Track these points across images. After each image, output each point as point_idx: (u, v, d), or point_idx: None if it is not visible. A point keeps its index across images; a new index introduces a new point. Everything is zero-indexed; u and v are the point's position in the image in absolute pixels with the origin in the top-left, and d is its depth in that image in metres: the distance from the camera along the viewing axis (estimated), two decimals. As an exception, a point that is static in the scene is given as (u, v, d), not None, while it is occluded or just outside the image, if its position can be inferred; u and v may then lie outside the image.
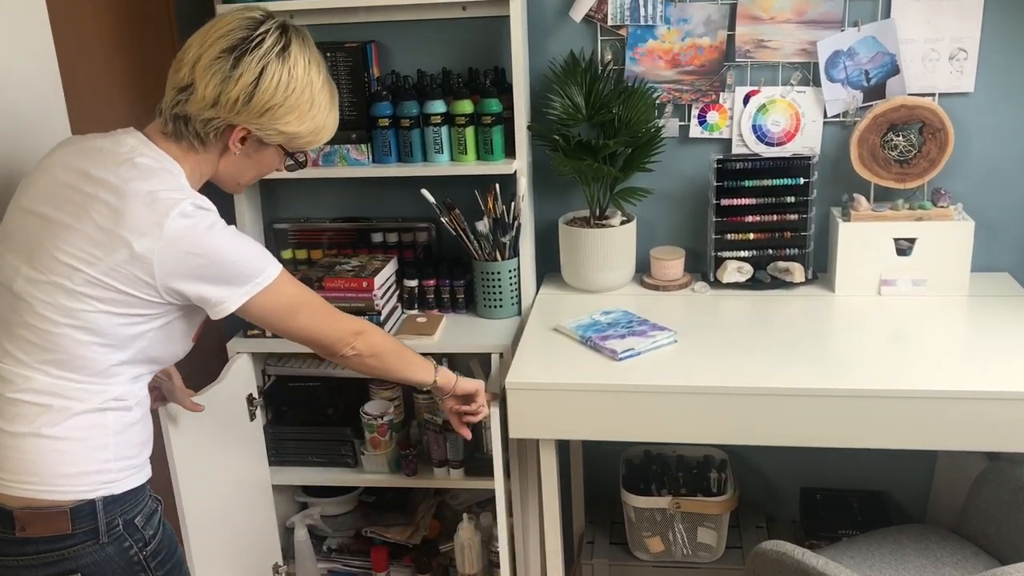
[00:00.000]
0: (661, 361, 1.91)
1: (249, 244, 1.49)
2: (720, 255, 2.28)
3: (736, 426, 1.82)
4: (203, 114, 1.45)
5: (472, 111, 2.17)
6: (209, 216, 1.44)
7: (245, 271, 1.46)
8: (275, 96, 1.45)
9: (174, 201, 1.39)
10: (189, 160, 1.49)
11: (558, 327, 2.07)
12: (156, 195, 1.39)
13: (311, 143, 1.57)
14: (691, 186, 2.34)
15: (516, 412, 1.87)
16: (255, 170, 1.58)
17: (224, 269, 1.44)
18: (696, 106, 2.27)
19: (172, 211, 1.38)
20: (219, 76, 1.43)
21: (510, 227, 2.21)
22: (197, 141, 1.48)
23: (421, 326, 2.23)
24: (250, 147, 1.52)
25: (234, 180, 1.59)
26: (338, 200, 2.47)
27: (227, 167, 1.54)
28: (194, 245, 1.40)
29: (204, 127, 1.46)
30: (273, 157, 1.57)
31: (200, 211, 1.42)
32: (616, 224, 2.26)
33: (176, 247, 1.39)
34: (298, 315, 1.56)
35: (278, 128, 1.49)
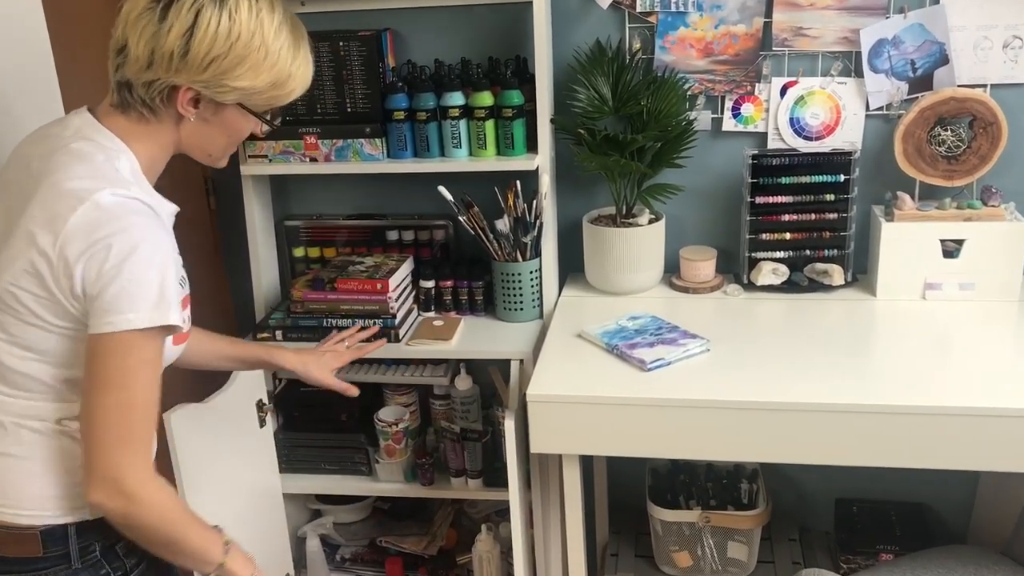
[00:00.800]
0: (692, 372, 1.79)
1: (159, 273, 1.23)
2: (754, 256, 2.15)
3: (772, 442, 1.70)
4: (141, 76, 1.27)
5: (492, 103, 2.05)
6: (133, 208, 1.23)
7: (141, 292, 1.21)
8: (215, 46, 1.25)
9: (86, 192, 1.21)
10: (142, 134, 1.32)
11: (582, 333, 1.95)
12: (68, 185, 1.23)
13: (277, 98, 1.36)
14: (723, 182, 2.21)
15: (538, 426, 1.76)
16: (223, 136, 1.37)
17: (123, 276, 1.20)
18: (730, 98, 2.14)
19: (81, 204, 1.20)
20: (149, 30, 1.25)
21: (532, 226, 2.09)
22: (146, 110, 1.30)
23: (438, 330, 2.12)
24: (205, 110, 1.32)
25: (203, 151, 1.38)
26: (352, 196, 2.37)
27: (189, 136, 1.34)
28: (101, 235, 1.20)
29: (147, 92, 1.28)
30: (238, 119, 1.36)
31: (125, 201, 1.23)
32: (644, 223, 2.14)
33: (80, 240, 1.20)
34: (108, 392, 1.23)
35: (229, 84, 1.28)
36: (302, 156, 2.12)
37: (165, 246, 1.26)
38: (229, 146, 1.42)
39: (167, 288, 1.23)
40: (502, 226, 2.10)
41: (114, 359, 1.21)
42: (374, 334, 2.03)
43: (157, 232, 1.25)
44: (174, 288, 1.25)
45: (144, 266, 1.21)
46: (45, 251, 1.21)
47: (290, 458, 2.26)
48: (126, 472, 1.22)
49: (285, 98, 1.37)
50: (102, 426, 1.22)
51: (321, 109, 2.10)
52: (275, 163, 2.13)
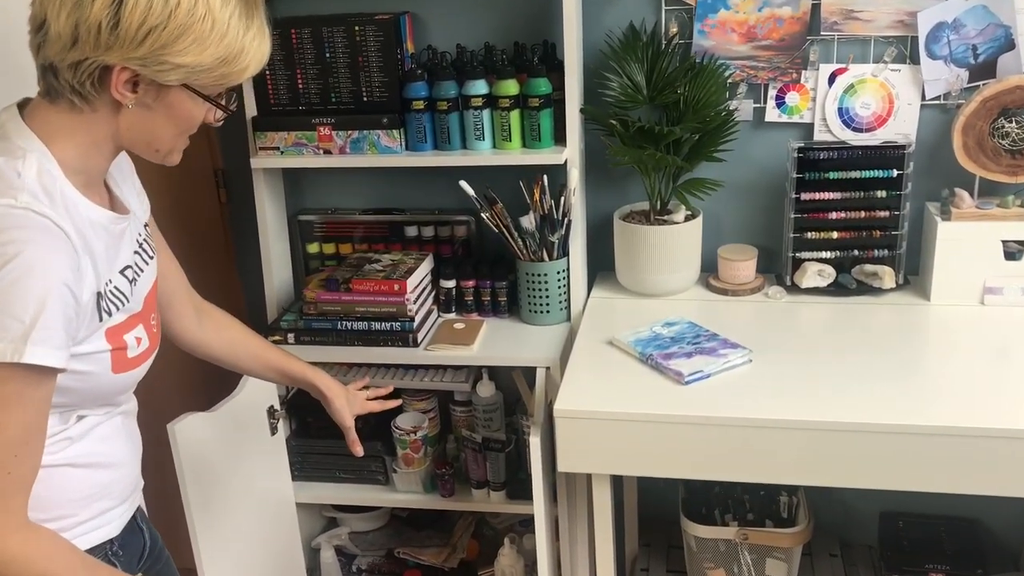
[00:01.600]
0: (733, 385, 1.66)
1: (33, 298, 1.03)
2: (798, 256, 2.01)
3: (820, 464, 1.57)
4: (66, 57, 1.07)
5: (518, 92, 1.91)
6: (14, 225, 1.04)
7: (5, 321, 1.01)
8: (151, 15, 1.06)
9: None
10: (71, 128, 1.13)
11: (614, 340, 1.82)
12: None
13: (229, 77, 1.14)
14: (765, 176, 2.06)
15: (566, 443, 1.64)
16: (170, 125, 1.16)
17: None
18: (774, 86, 1.99)
19: None
20: (68, 2, 1.05)
21: (559, 224, 1.96)
22: (76, 97, 1.10)
23: (458, 334, 1.99)
24: (146, 94, 1.12)
25: (147, 144, 1.17)
26: (369, 190, 2.24)
27: (129, 127, 1.14)
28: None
29: (74, 75, 1.08)
30: (185, 103, 1.15)
31: (7, 212, 1.04)
32: (680, 220, 1.99)
33: None
34: None
35: (170, 60, 1.08)
36: (315, 148, 1.99)
37: (56, 267, 1.06)
38: (179, 137, 1.20)
39: (41, 318, 1.03)
40: (527, 223, 1.97)
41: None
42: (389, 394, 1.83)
43: (46, 250, 1.06)
44: (56, 320, 1.05)
45: (12, 288, 1.02)
46: None
47: (303, 466, 2.15)
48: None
49: (238, 76, 1.16)
50: None
51: (335, 98, 1.97)
52: (287, 155, 2.01)
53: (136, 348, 1.22)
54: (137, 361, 1.23)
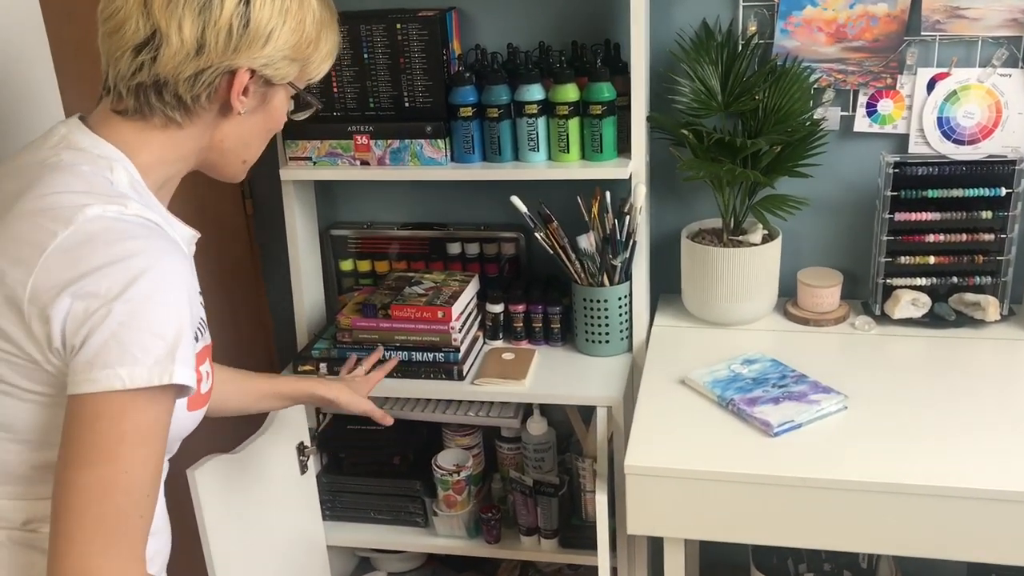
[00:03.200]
0: (827, 438, 1.45)
1: (171, 313, 0.93)
2: (889, 282, 1.79)
3: (928, 534, 1.36)
4: (186, 69, 0.99)
5: (577, 98, 1.70)
6: (134, 226, 0.95)
7: (141, 340, 0.90)
8: (274, 9, 1.01)
9: (69, 210, 0.93)
10: (157, 143, 1.03)
11: (687, 380, 1.61)
12: (43, 204, 0.94)
13: (321, 68, 1.12)
14: (851, 193, 1.85)
15: (637, 503, 1.43)
16: (264, 131, 1.12)
17: (120, 315, 0.90)
18: (865, 92, 1.77)
19: (62, 227, 0.92)
20: (193, 8, 0.98)
21: (622, 246, 1.75)
22: (181, 113, 1.02)
23: (508, 366, 1.79)
24: (256, 96, 1.06)
25: (238, 156, 1.11)
26: (408, 203, 2.04)
27: (227, 137, 1.08)
28: (90, 266, 0.90)
29: (192, 87, 1.00)
30: (283, 103, 1.11)
31: (122, 219, 0.94)
32: (757, 241, 1.78)
33: (60, 273, 0.91)
34: (87, 468, 0.91)
35: (288, 55, 1.04)
36: (351, 159, 1.79)
37: (182, 277, 0.96)
38: (264, 144, 1.15)
39: (181, 334, 0.93)
40: (585, 244, 1.76)
41: (98, 426, 0.90)
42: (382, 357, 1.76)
43: (171, 258, 0.96)
44: (189, 335, 0.95)
45: (148, 304, 0.91)
46: (15, 292, 0.92)
47: (335, 505, 1.96)
48: (101, 573, 0.90)
49: (326, 68, 1.14)
50: (75, 511, 0.90)
51: (374, 104, 1.77)
52: (320, 167, 1.81)
53: (207, 382, 1.08)
54: (205, 398, 1.09)
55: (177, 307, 0.94)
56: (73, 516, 0.90)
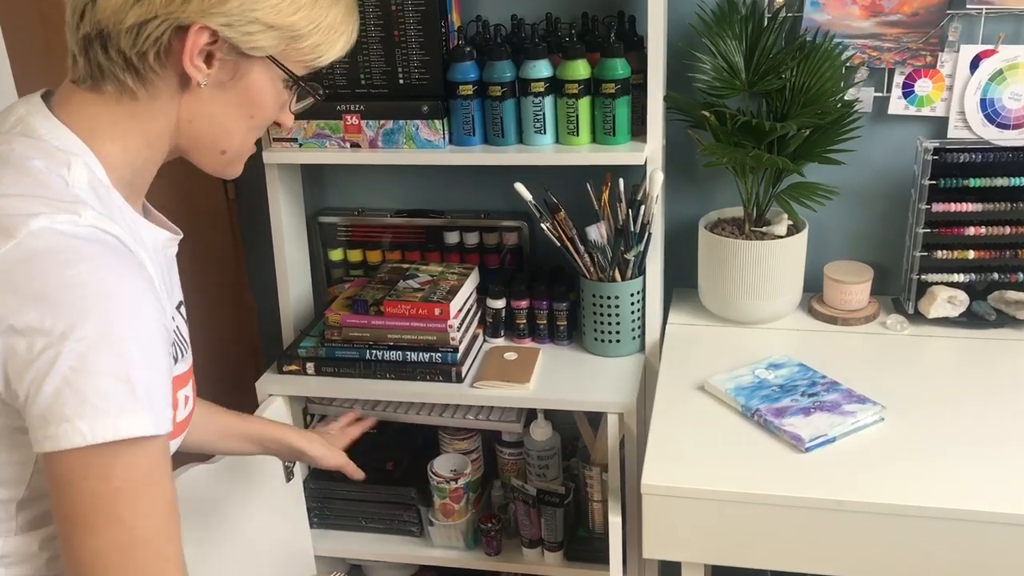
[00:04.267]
0: (864, 454, 1.31)
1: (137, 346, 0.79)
2: (924, 279, 1.65)
3: (983, 566, 1.23)
4: (127, 17, 0.84)
5: (588, 76, 1.56)
6: (88, 254, 0.79)
7: (77, 392, 0.76)
8: None
9: (12, 221, 0.78)
10: (119, 124, 0.89)
11: (707, 386, 1.47)
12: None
13: (321, 50, 0.94)
14: (883, 181, 1.71)
15: (654, 526, 1.30)
16: (242, 116, 0.94)
17: (66, 360, 0.76)
18: (901, 71, 1.62)
19: (5, 238, 0.78)
20: None
21: (636, 238, 1.61)
22: (130, 76, 0.87)
23: (510, 368, 1.65)
24: (223, 69, 0.90)
25: (214, 143, 0.95)
26: (403, 188, 1.89)
27: (194, 117, 0.92)
28: (34, 293, 0.76)
29: (135, 41, 0.85)
30: (265, 86, 0.93)
31: (75, 233, 0.80)
32: (781, 233, 1.64)
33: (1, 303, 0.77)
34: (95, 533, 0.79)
35: (261, 18, 0.87)
36: (341, 141, 1.64)
37: (144, 303, 0.81)
38: (249, 134, 0.97)
39: (149, 370, 0.79)
40: (595, 235, 1.62)
41: (86, 486, 0.78)
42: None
43: (130, 282, 0.81)
44: (161, 368, 0.82)
45: (104, 342, 0.77)
46: None
47: (323, 512, 1.83)
48: None
49: (330, 52, 0.96)
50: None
51: (366, 81, 1.62)
52: (306, 149, 1.66)
53: (184, 409, 0.98)
54: (182, 427, 0.98)
55: (139, 340, 0.79)
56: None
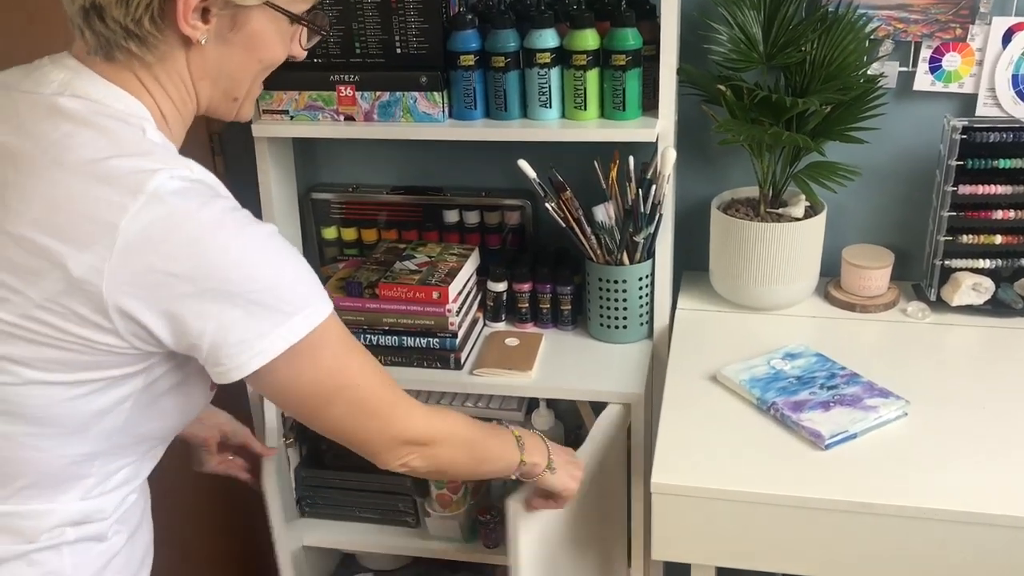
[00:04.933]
0: (888, 451, 1.24)
1: (283, 250, 0.92)
2: (947, 264, 1.57)
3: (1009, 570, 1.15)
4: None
5: (597, 46, 1.47)
6: (204, 193, 0.87)
7: (277, 297, 0.89)
8: None
9: (135, 177, 0.83)
10: (147, 91, 0.93)
11: (719, 377, 1.40)
12: (101, 168, 0.84)
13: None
14: (905, 160, 1.62)
15: (664, 526, 1.23)
16: (251, 62, 0.97)
17: (238, 290, 0.87)
18: (928, 44, 1.53)
19: (132, 199, 0.83)
20: None
21: (645, 218, 1.52)
22: (135, 43, 0.89)
23: (511, 354, 1.57)
24: (221, 22, 0.92)
25: (226, 94, 0.99)
26: (400, 163, 1.80)
27: (203, 72, 0.95)
28: (178, 250, 0.84)
29: (127, 9, 0.87)
30: (268, 30, 0.95)
31: (188, 188, 0.86)
32: (799, 215, 1.56)
33: (141, 259, 0.83)
34: (334, 402, 0.98)
35: None
36: (334, 113, 1.55)
37: (251, 226, 0.91)
38: (259, 76, 1.01)
39: (301, 263, 0.94)
40: (603, 216, 1.54)
41: (303, 379, 0.94)
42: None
43: (248, 212, 0.92)
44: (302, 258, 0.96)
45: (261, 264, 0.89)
46: (86, 279, 0.83)
47: (313, 501, 1.76)
48: (410, 433, 1.04)
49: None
50: (352, 429, 1.02)
51: (361, 49, 1.53)
52: (297, 122, 1.57)
53: None
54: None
55: (283, 247, 0.91)
56: (351, 431, 1.01)
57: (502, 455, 1.17)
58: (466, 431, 1.13)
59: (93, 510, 0.97)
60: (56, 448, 0.91)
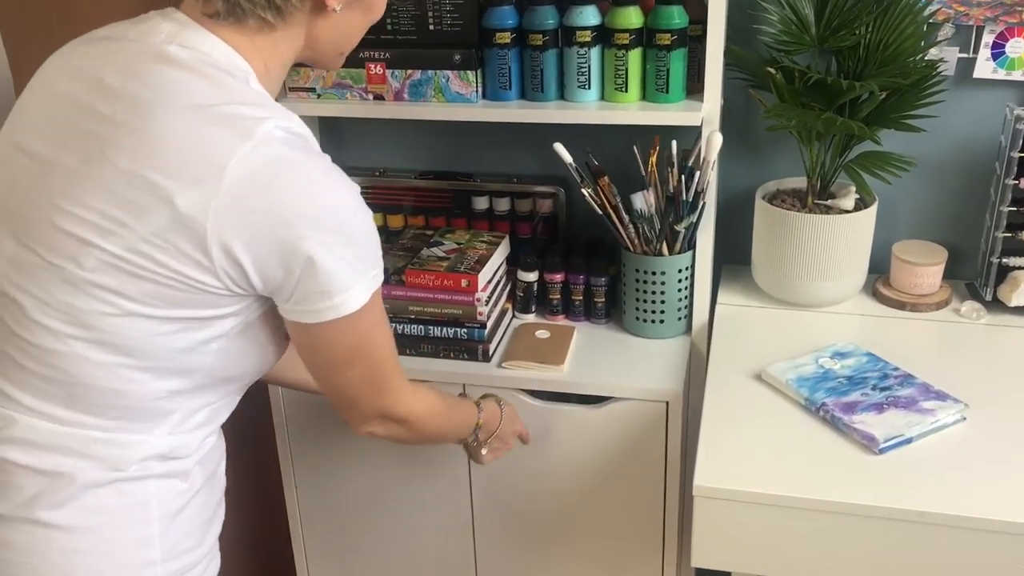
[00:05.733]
0: (947, 457, 1.16)
1: (367, 209, 0.97)
2: (1006, 263, 1.49)
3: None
4: None
5: (641, 24, 1.39)
6: (306, 146, 0.93)
7: (365, 251, 0.96)
8: None
9: (244, 123, 0.88)
10: (258, 49, 0.97)
11: (765, 376, 1.32)
12: (213, 113, 0.88)
13: None
14: (962, 152, 1.54)
15: (705, 532, 1.15)
16: (363, 23, 1.06)
17: (333, 240, 0.91)
18: (991, 29, 1.45)
19: (242, 142, 0.87)
20: None
21: (687, 207, 1.45)
22: (273, 13, 0.94)
23: (542, 347, 1.50)
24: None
25: (336, 50, 1.06)
26: (429, 147, 1.74)
27: (328, 35, 1.01)
28: (282, 194, 0.88)
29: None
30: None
31: (293, 139, 0.91)
32: (849, 207, 1.48)
33: (246, 200, 0.87)
34: (349, 367, 1.04)
35: None
36: (363, 92, 1.49)
37: (345, 183, 0.95)
38: (364, 32, 1.08)
39: (374, 229, 0.98)
40: (641, 204, 1.46)
41: (344, 341, 1.00)
42: None
43: (331, 172, 0.94)
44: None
45: (351, 221, 0.94)
46: (191, 216, 0.86)
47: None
48: (393, 410, 1.11)
49: None
50: (351, 396, 1.07)
51: (392, 26, 1.46)
52: (325, 100, 1.51)
53: None
54: None
55: (363, 210, 0.95)
56: (352, 392, 1.06)
57: (463, 423, 1.30)
58: (439, 407, 1.20)
59: (178, 445, 1.00)
60: (149, 381, 0.94)
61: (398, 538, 1.65)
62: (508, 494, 1.55)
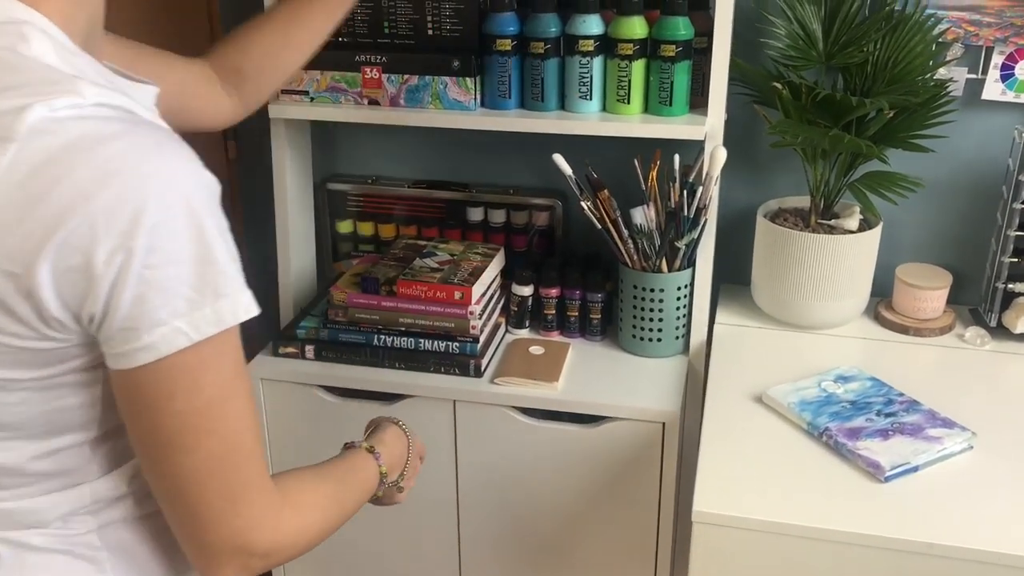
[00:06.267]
0: (954, 486, 1.12)
1: (212, 222, 0.70)
2: (1011, 288, 1.45)
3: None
4: None
5: (645, 35, 1.36)
6: (108, 133, 0.66)
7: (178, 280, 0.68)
8: None
9: (3, 122, 0.64)
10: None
11: (766, 398, 1.28)
12: None
13: None
14: (968, 174, 1.51)
15: (703, 559, 1.11)
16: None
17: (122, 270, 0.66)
18: (1001, 50, 1.42)
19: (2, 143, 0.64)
20: None
21: (688, 223, 1.41)
22: None
23: (536, 364, 1.46)
24: None
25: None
26: (424, 155, 1.70)
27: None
28: (58, 187, 0.64)
29: None
30: None
31: (83, 116, 0.66)
32: (853, 228, 1.45)
33: (22, 220, 0.64)
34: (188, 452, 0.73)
35: None
36: (358, 96, 1.45)
37: (194, 168, 0.70)
38: None
39: (228, 237, 0.71)
40: (641, 218, 1.43)
41: (175, 406, 0.71)
42: None
43: (170, 149, 0.70)
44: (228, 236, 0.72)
45: (174, 224, 0.67)
46: None
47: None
48: (254, 536, 0.77)
49: None
50: (192, 495, 0.74)
51: (389, 29, 1.43)
52: (318, 103, 1.47)
53: None
54: None
55: (208, 210, 0.69)
56: (192, 500, 0.74)
57: (363, 494, 0.97)
58: (319, 523, 0.85)
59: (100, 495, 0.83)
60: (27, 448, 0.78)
61: (382, 561, 1.60)
62: (497, 515, 1.50)
